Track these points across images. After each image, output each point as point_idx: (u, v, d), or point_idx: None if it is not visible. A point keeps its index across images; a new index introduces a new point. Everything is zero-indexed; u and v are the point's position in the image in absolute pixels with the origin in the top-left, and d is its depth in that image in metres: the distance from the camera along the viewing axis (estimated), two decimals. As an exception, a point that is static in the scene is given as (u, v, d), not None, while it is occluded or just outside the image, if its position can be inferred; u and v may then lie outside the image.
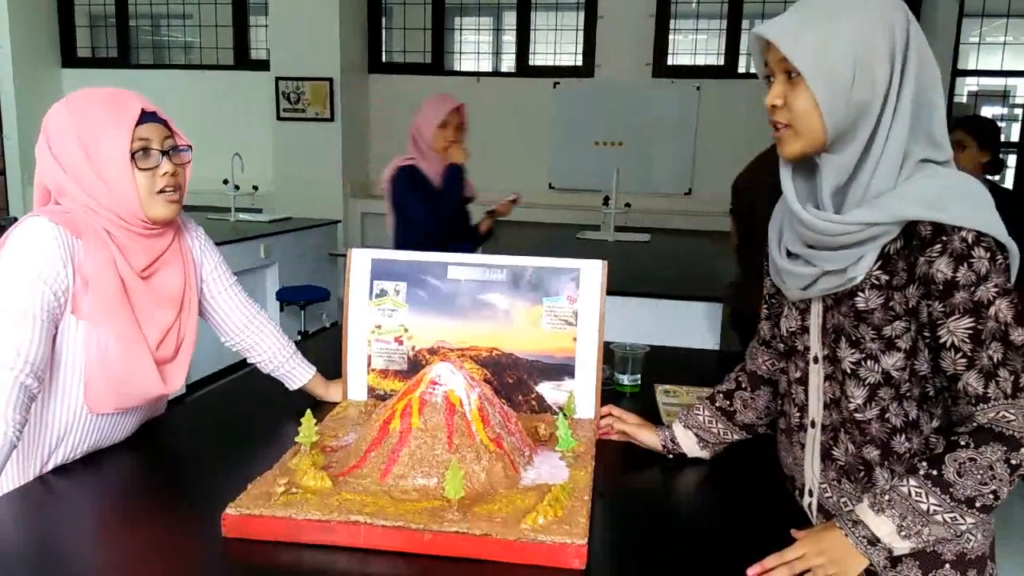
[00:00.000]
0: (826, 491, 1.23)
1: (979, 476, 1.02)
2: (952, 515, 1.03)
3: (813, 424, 1.23)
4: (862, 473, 1.18)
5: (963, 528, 1.04)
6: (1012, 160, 5.82)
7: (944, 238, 1.03)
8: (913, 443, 1.13)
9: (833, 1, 1.06)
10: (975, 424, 1.04)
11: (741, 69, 6.13)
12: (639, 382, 1.85)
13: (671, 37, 6.15)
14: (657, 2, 6.04)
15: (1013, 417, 1.01)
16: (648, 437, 1.48)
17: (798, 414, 1.26)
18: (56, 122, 1.32)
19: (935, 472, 1.04)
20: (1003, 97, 6.14)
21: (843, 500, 1.21)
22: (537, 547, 1.05)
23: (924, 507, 1.04)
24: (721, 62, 6.12)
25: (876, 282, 1.10)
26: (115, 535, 1.17)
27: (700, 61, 6.22)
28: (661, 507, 1.34)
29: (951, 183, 1.06)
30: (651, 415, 1.61)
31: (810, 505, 1.26)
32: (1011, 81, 6.02)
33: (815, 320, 1.20)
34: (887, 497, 1.06)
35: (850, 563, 1.06)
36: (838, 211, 1.10)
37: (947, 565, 1.15)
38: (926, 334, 1.08)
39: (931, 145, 1.08)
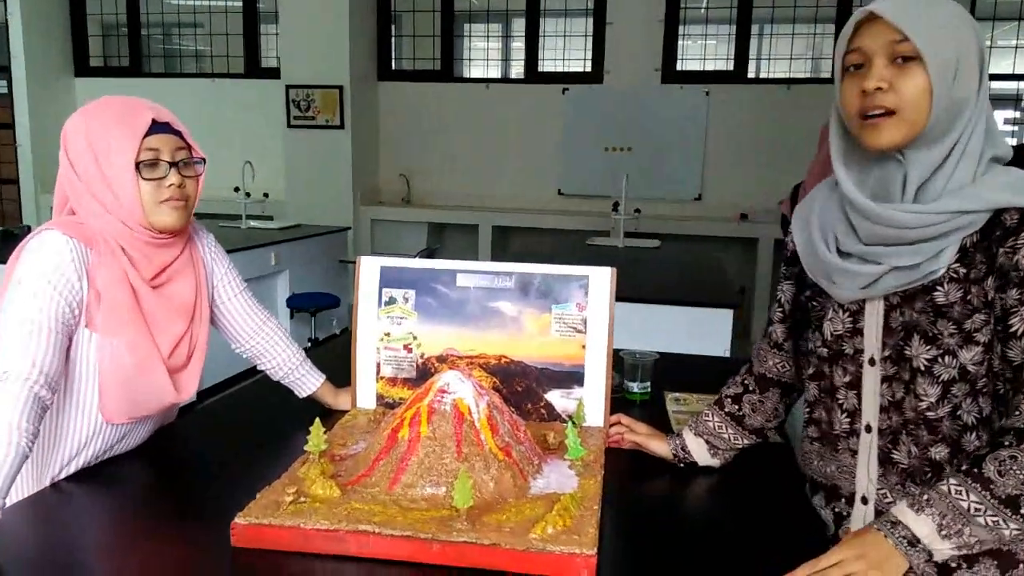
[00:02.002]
0: (886, 496, 1.18)
1: (1021, 476, 1.00)
2: (995, 518, 1.00)
3: (868, 429, 1.19)
4: (929, 474, 1.13)
5: (1007, 534, 1.02)
6: None
7: None
8: (983, 440, 1.10)
9: None
10: (1022, 422, 1.02)
11: (750, 74, 6.12)
12: (649, 390, 1.84)
13: (680, 42, 6.15)
14: (666, 7, 6.03)
15: None
16: (658, 446, 1.47)
17: (847, 420, 1.21)
18: (72, 130, 1.34)
19: (976, 469, 1.03)
20: (1015, 101, 6.10)
21: None
22: (546, 557, 1.04)
23: (965, 505, 1.01)
24: (730, 67, 6.10)
25: (955, 275, 1.08)
26: (124, 543, 1.18)
27: (709, 66, 6.21)
28: (671, 516, 1.33)
29: None
30: (661, 423, 1.60)
31: (865, 514, 1.21)
32: (1023, 85, 5.98)
33: (874, 320, 1.16)
34: (926, 496, 1.04)
35: (891, 565, 1.02)
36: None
37: (1021, 565, 1.11)
38: (999, 328, 1.06)
39: (994, 143, 1.10)
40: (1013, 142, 6.02)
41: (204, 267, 1.52)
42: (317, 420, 1.25)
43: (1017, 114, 6.17)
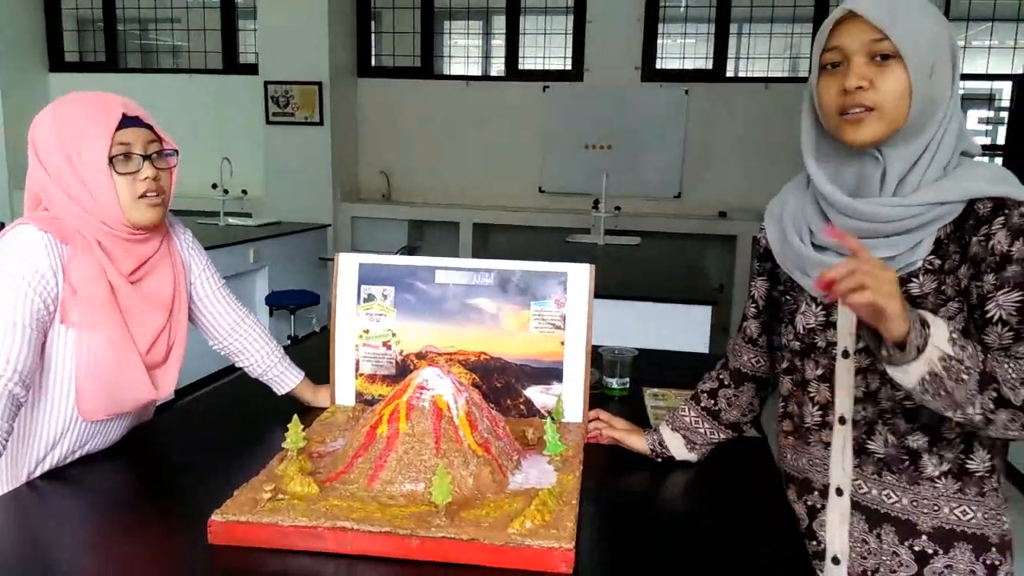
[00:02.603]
0: (862, 487, 1.19)
1: (1011, 373, 0.98)
2: (971, 374, 0.97)
3: (842, 421, 1.20)
4: (907, 462, 1.15)
5: (972, 411, 0.99)
6: (998, 163, 5.87)
7: (1006, 212, 1.04)
8: (963, 426, 1.10)
9: None
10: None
11: (729, 73, 6.16)
12: (627, 385, 1.85)
13: (660, 41, 6.17)
14: (646, 6, 6.06)
15: None
16: (636, 442, 1.48)
17: (819, 412, 1.23)
18: (41, 128, 1.32)
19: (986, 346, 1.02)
20: (988, 101, 6.19)
21: (885, 492, 1.17)
22: (524, 552, 1.05)
23: (966, 354, 0.98)
24: (709, 66, 6.14)
25: (930, 267, 1.10)
26: (101, 541, 1.17)
27: (689, 65, 6.24)
28: (649, 511, 1.34)
29: (1003, 169, 1.11)
30: (639, 418, 1.61)
31: (841, 505, 1.21)
32: (996, 85, 6.06)
33: (848, 313, 1.17)
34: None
35: (894, 307, 0.94)
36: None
37: (993, 549, 1.14)
38: (976, 315, 1.08)
39: (965, 139, 1.13)
40: (987, 141, 6.11)
41: (182, 263, 1.51)
42: (295, 417, 1.25)
43: (991, 113, 6.26)
